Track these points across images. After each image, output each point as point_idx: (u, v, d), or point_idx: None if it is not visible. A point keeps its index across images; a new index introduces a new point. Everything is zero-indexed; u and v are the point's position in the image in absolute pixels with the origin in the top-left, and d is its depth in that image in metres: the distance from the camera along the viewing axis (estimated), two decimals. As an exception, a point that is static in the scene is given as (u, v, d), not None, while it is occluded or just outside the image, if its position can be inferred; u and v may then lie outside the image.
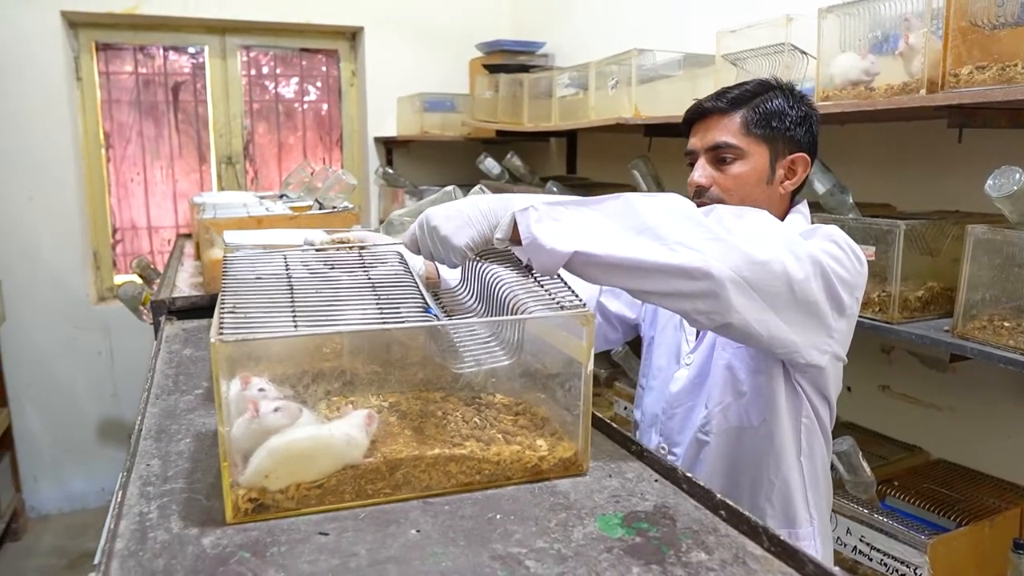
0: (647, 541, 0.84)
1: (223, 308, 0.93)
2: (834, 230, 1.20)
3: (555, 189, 2.99)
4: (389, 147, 4.14)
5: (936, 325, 1.57)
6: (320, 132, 4.21)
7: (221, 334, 0.85)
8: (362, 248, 1.23)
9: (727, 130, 1.30)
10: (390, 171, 4.03)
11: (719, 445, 1.34)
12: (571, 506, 0.93)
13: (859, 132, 2.11)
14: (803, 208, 1.39)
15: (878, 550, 1.64)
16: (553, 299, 0.99)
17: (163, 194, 3.88)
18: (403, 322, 0.94)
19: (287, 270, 1.09)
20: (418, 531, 0.87)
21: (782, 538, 0.80)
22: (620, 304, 1.56)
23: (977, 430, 1.93)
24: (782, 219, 1.37)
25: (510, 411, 1.13)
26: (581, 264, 1.02)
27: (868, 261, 1.62)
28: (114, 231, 3.83)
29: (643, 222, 1.01)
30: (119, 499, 0.91)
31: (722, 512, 0.89)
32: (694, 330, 1.39)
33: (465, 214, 1.06)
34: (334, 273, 1.10)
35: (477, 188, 1.33)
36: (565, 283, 1.04)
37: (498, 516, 0.90)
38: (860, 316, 1.64)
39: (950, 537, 1.61)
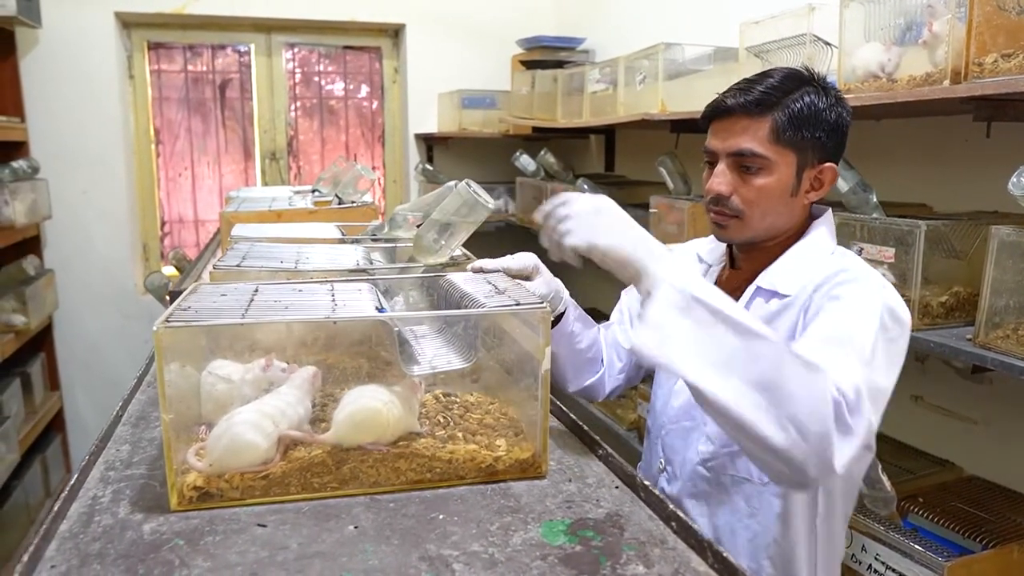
0: (587, 550, 0.81)
1: (178, 306, 0.93)
2: (884, 314, 1.07)
3: (586, 187, 2.94)
4: (429, 144, 4.15)
5: (960, 333, 1.47)
6: (363, 128, 4.26)
7: (167, 322, 0.85)
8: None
9: (753, 136, 1.16)
10: (429, 167, 4.04)
11: (719, 491, 1.23)
12: (519, 509, 0.90)
13: (891, 127, 2.00)
14: (828, 219, 1.26)
15: (893, 570, 1.55)
16: (512, 299, 0.96)
17: (209, 189, 3.99)
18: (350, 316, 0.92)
19: (255, 292, 1.06)
20: (356, 527, 0.85)
21: (726, 555, 0.75)
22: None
23: (1015, 446, 1.80)
24: (801, 229, 1.25)
25: (479, 409, 1.10)
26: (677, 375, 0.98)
27: (887, 263, 1.54)
28: (162, 224, 3.96)
29: (766, 378, 0.92)
30: (72, 482, 0.92)
31: (673, 524, 0.85)
32: None
33: (622, 227, 1.00)
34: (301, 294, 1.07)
35: (463, 184, 1.31)
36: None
37: (441, 516, 0.88)
38: (877, 321, 1.55)
39: (972, 560, 1.50)
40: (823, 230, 1.25)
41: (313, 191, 2.85)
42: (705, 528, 1.25)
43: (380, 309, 0.93)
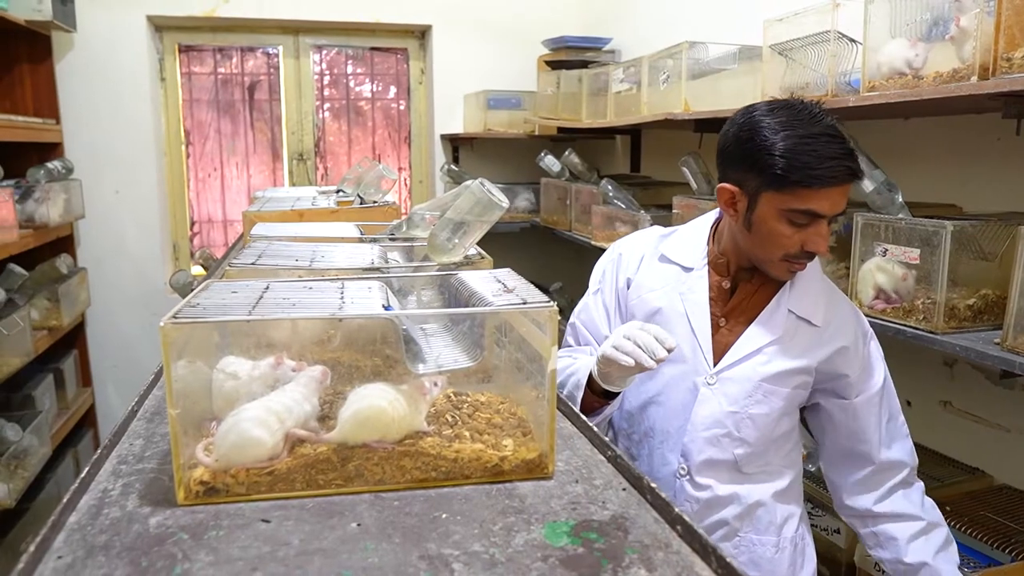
0: (589, 552, 0.79)
1: (188, 302, 0.94)
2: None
3: (610, 188, 2.92)
4: (455, 144, 4.16)
5: (988, 337, 1.43)
6: (389, 129, 4.29)
7: (173, 318, 0.86)
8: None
9: (846, 198, 1.25)
10: (455, 168, 4.05)
11: (746, 479, 1.37)
12: (524, 510, 0.89)
13: (919, 126, 1.95)
14: None
15: (917, 579, 1.51)
16: (519, 298, 0.95)
17: (238, 189, 4.04)
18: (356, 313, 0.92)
19: (266, 289, 1.06)
20: (359, 525, 0.85)
21: (729, 560, 0.74)
22: None
23: (1048, 455, 1.75)
24: None
25: (490, 409, 1.10)
26: None
27: (912, 264, 1.50)
28: (192, 224, 4.02)
29: None
30: (84, 475, 0.93)
31: (678, 527, 0.83)
32: (708, 344, 1.34)
33: None
34: (311, 292, 1.08)
35: (477, 183, 1.30)
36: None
37: (444, 515, 0.87)
38: (901, 324, 1.52)
39: (1000, 572, 1.46)
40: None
41: (337, 191, 2.88)
42: (734, 510, 1.37)
43: (387, 307, 0.93)
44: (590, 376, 1.31)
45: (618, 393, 1.32)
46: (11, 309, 2.75)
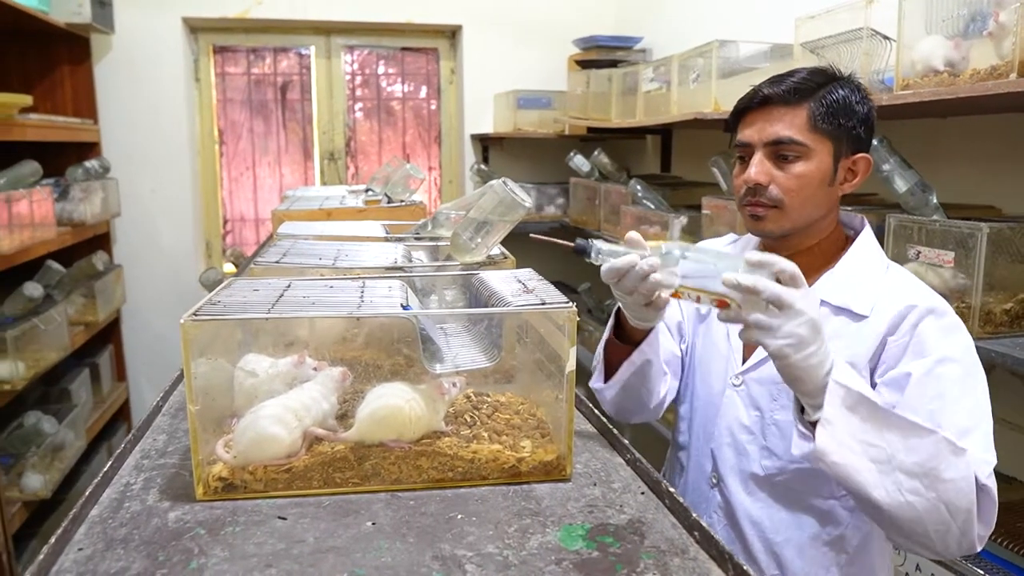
0: (604, 556, 0.78)
1: (209, 300, 0.95)
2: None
3: (639, 188, 2.90)
4: (485, 144, 4.17)
5: (1026, 343, 1.38)
6: (420, 129, 4.30)
7: (194, 316, 0.87)
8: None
9: (791, 124, 1.16)
10: (484, 168, 4.05)
11: (786, 506, 1.23)
12: (540, 512, 0.88)
13: (957, 125, 1.90)
14: (869, 230, 1.26)
15: (950, 592, 1.47)
16: (537, 298, 0.95)
17: (270, 188, 4.09)
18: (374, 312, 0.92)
19: (287, 287, 1.07)
20: (373, 523, 0.85)
21: (746, 568, 0.72)
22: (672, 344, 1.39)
23: (1090, 466, 1.69)
24: (838, 232, 1.25)
25: (510, 409, 1.09)
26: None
27: (946, 267, 1.46)
28: (224, 222, 4.08)
29: (923, 468, 0.99)
30: (107, 469, 0.95)
31: (696, 533, 0.82)
32: (740, 343, 1.27)
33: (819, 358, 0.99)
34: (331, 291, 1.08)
35: (499, 182, 1.30)
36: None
37: (459, 516, 0.87)
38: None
39: (1037, 585, 1.41)
40: (870, 241, 1.24)
41: (366, 191, 2.90)
42: (764, 544, 1.25)
43: (405, 307, 0.93)
44: (621, 324, 1.24)
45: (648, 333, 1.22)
46: (49, 305, 2.82)
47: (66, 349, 2.91)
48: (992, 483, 1.04)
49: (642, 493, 0.93)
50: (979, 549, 1.04)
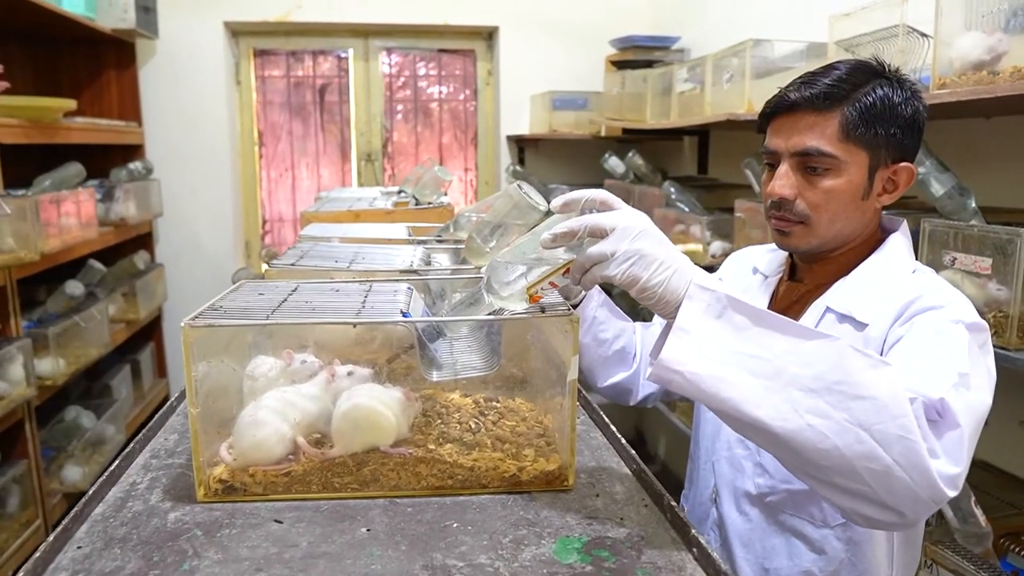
0: (597, 571, 0.76)
1: (212, 304, 0.95)
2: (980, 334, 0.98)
3: (672, 190, 2.85)
4: (521, 145, 4.15)
5: (1068, 355, 1.31)
6: (456, 130, 4.32)
7: (192, 320, 0.87)
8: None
9: (821, 134, 1.05)
10: (520, 169, 4.04)
11: (776, 531, 1.15)
12: (537, 523, 0.86)
13: (1001, 125, 1.82)
14: (905, 231, 1.16)
15: (984, 614, 1.40)
16: (538, 305, 0.93)
17: (308, 189, 4.15)
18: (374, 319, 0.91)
19: (292, 291, 1.07)
20: (368, 530, 0.84)
21: (742, 586, 0.69)
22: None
23: None
24: (873, 238, 1.15)
25: (516, 416, 1.08)
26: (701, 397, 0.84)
27: (983, 275, 1.40)
28: (263, 222, 4.15)
29: (825, 380, 0.81)
30: (114, 467, 0.96)
31: (694, 550, 0.79)
32: None
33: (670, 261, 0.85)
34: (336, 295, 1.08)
35: (515, 186, 1.28)
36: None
37: (455, 524, 0.86)
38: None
39: (1079, 610, 1.34)
40: (900, 244, 1.14)
41: (399, 192, 2.91)
42: (754, 571, 1.18)
43: (405, 313, 0.92)
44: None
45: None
46: (91, 303, 2.90)
47: (107, 346, 2.98)
48: (945, 404, 0.86)
49: (645, 506, 0.91)
50: (949, 495, 0.82)
